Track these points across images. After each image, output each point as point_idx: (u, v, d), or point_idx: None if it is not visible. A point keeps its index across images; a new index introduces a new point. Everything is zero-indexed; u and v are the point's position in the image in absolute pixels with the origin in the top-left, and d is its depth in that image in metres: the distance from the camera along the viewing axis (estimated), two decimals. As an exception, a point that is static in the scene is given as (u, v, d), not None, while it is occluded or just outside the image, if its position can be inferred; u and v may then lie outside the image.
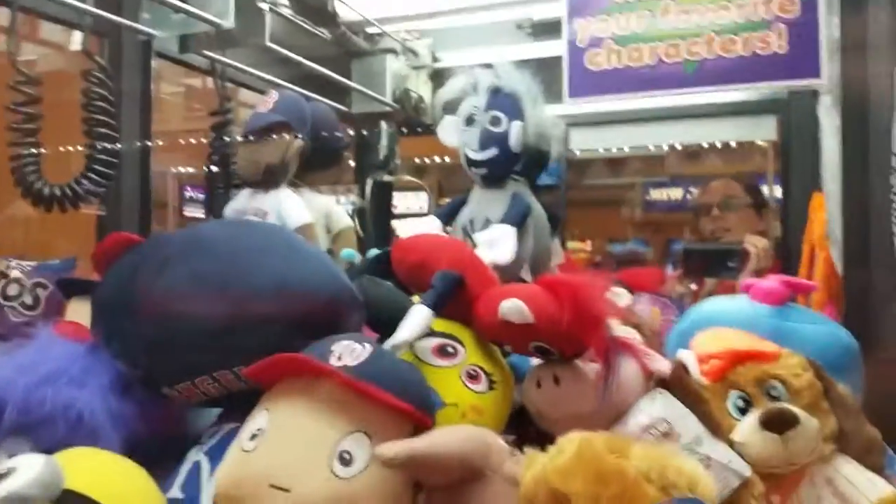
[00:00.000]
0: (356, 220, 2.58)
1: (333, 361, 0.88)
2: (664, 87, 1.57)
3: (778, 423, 0.96)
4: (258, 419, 0.88)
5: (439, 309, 1.06)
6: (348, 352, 0.89)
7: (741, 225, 2.32)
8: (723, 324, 1.17)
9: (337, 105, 2.52)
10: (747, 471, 0.95)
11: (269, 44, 1.80)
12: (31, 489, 0.76)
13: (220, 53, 1.96)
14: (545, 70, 2.55)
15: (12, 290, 1.43)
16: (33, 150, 1.51)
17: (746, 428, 0.98)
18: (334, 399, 0.85)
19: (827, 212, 1.59)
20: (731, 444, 0.99)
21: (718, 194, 2.46)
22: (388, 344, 0.99)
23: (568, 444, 0.78)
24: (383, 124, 2.65)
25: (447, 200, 1.54)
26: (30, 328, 1.15)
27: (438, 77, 2.74)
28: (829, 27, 1.45)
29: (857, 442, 1.00)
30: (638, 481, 0.72)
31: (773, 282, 1.20)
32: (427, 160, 5.50)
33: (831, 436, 1.00)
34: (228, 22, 1.69)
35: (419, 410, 0.87)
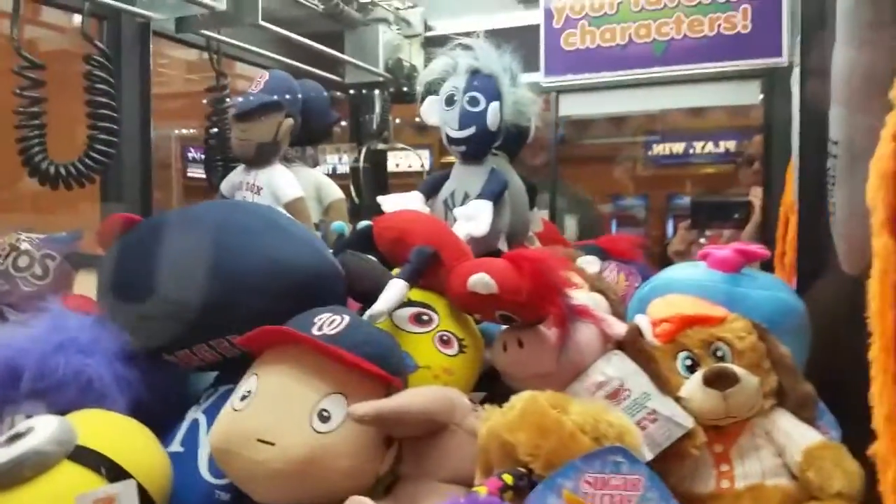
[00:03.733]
0: (352, 181, 2.67)
1: (314, 331, 0.99)
2: (634, 66, 1.63)
3: (719, 381, 1.05)
4: (248, 382, 0.99)
5: (414, 282, 1.16)
6: (328, 322, 1.00)
7: None
8: (679, 290, 1.25)
9: (331, 76, 2.57)
10: (690, 423, 1.04)
11: (262, 23, 1.87)
12: (47, 446, 0.87)
13: (215, 31, 2.03)
14: (533, 37, 2.60)
15: (23, 261, 1.52)
16: (38, 132, 1.59)
17: (691, 385, 1.08)
18: (314, 364, 0.96)
19: (794, 179, 1.66)
20: (678, 400, 1.08)
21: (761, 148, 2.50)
22: (366, 315, 1.09)
23: (517, 401, 0.89)
24: (376, 93, 2.70)
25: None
26: (40, 297, 1.26)
27: (431, 45, 2.78)
28: (794, 5, 1.50)
29: (794, 398, 1.09)
30: (574, 433, 0.83)
31: (727, 250, 1.29)
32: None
33: (771, 392, 1.09)
34: (221, 4, 1.76)
35: (390, 373, 0.98)
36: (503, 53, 1.54)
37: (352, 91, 2.77)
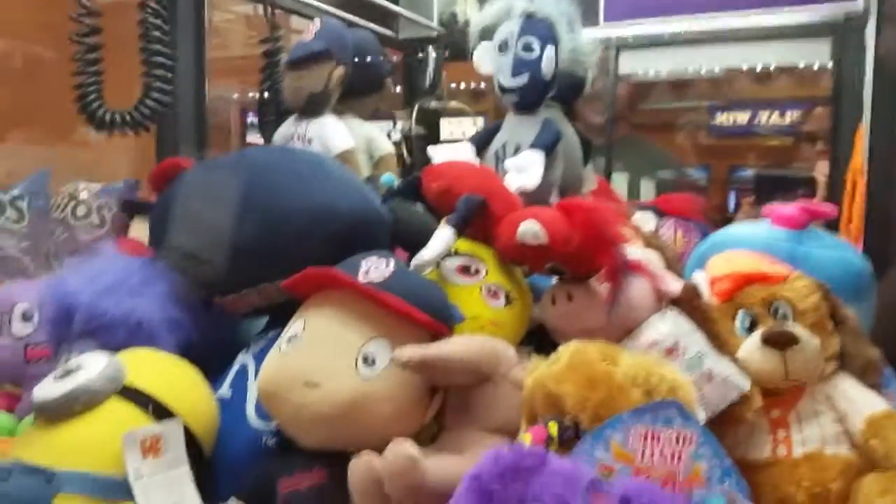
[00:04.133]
0: (404, 146, 2.62)
1: (360, 276, 0.97)
2: (696, 11, 1.54)
3: (778, 341, 1.00)
4: (295, 326, 0.99)
5: (462, 230, 1.13)
6: (374, 268, 0.98)
7: None
8: (740, 247, 1.20)
9: (384, 30, 2.53)
10: (747, 385, 1.00)
11: (313, -29, 1.85)
12: (96, 383, 0.89)
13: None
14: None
15: (81, 210, 1.56)
16: (95, 79, 1.61)
17: (749, 345, 1.03)
18: (360, 309, 0.95)
19: (864, 141, 1.57)
20: (735, 361, 1.04)
21: (825, 123, 2.42)
22: (413, 263, 1.07)
23: (564, 351, 0.86)
24: (430, 49, 2.65)
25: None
26: (98, 245, 1.28)
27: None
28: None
29: (857, 362, 1.04)
30: (623, 385, 0.80)
31: (791, 207, 1.23)
32: (484, 84, 5.45)
33: (833, 355, 1.03)
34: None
35: (436, 321, 0.96)
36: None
37: (404, 50, 2.72)
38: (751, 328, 1.06)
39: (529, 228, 1.05)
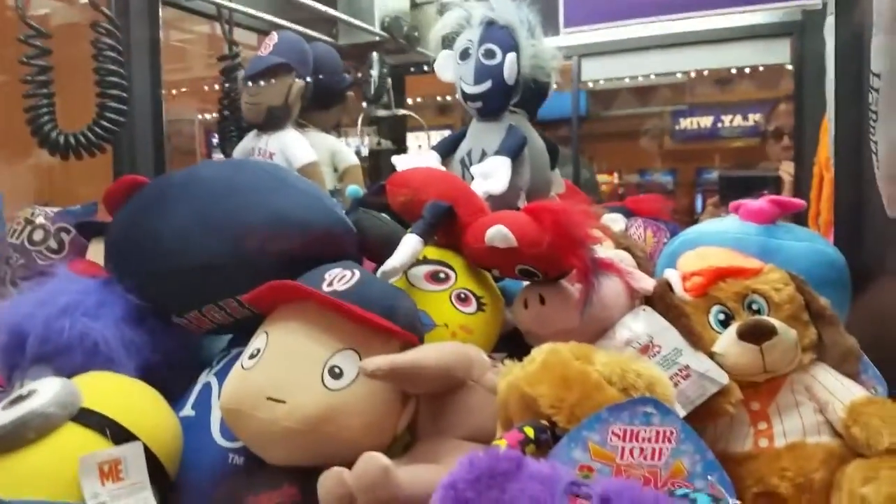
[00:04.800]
0: (369, 163, 2.58)
1: (325, 287, 0.94)
2: (657, 13, 1.54)
3: (755, 334, 0.99)
4: (257, 341, 0.95)
5: (428, 237, 1.11)
6: (338, 278, 0.95)
7: None
8: (711, 243, 1.19)
9: (322, 37, 2.40)
10: (724, 379, 0.99)
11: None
12: (49, 407, 0.84)
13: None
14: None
15: (38, 235, 1.50)
16: (46, 101, 1.57)
17: (725, 339, 1.02)
18: (325, 321, 0.92)
19: (829, 134, 1.58)
20: (712, 356, 1.02)
21: (789, 119, 2.44)
22: (379, 272, 1.04)
23: (538, 353, 0.84)
24: (373, 56, 2.54)
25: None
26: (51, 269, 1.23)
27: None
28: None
29: (835, 351, 1.03)
30: (599, 383, 0.78)
31: (761, 201, 1.22)
32: (449, 98, 5.47)
33: (810, 346, 1.03)
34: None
35: (404, 329, 0.93)
36: (520, 4, 1.47)
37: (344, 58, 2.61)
38: (726, 323, 1.05)
39: (498, 232, 1.03)
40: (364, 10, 2.44)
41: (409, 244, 1.07)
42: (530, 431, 0.75)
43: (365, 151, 2.77)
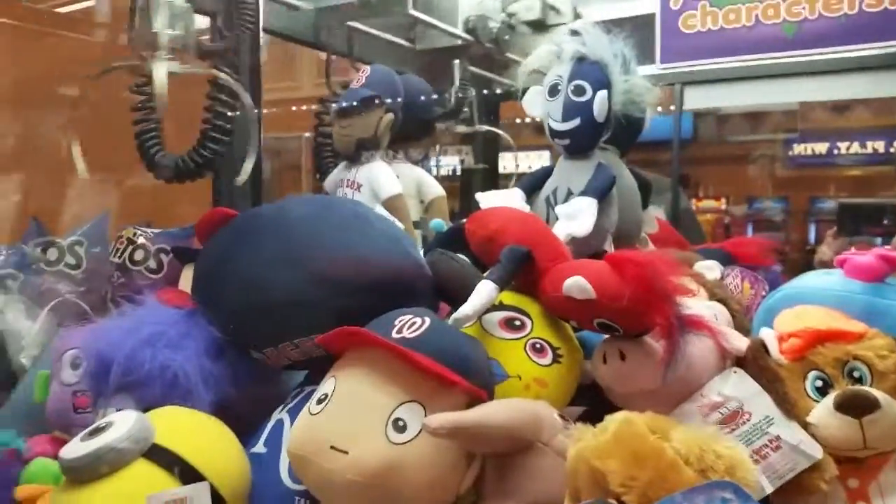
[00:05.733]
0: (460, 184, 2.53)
1: (394, 334, 0.93)
2: (761, 51, 1.45)
3: (854, 406, 0.92)
4: (326, 385, 0.95)
5: (504, 284, 1.08)
6: (408, 325, 0.94)
7: None
8: (812, 301, 1.11)
9: (399, 40, 2.27)
10: (818, 453, 0.92)
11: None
12: (122, 443, 0.86)
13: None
14: (650, 27, 2.41)
15: (139, 255, 1.56)
16: (154, 126, 1.65)
17: (822, 410, 0.95)
18: (391, 370, 0.90)
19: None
20: (806, 427, 0.95)
21: None
22: (451, 319, 1.02)
23: (611, 422, 0.79)
24: (456, 63, 2.30)
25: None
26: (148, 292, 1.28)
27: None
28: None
29: (949, 429, 0.93)
30: (675, 463, 0.72)
31: (868, 256, 1.12)
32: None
33: (920, 422, 0.94)
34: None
35: (473, 382, 0.90)
36: (614, 39, 1.42)
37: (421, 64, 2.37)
38: (823, 391, 0.98)
39: (575, 283, 0.99)
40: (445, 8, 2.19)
41: (484, 291, 1.04)
42: (597, 512, 0.71)
43: (458, 170, 2.74)
